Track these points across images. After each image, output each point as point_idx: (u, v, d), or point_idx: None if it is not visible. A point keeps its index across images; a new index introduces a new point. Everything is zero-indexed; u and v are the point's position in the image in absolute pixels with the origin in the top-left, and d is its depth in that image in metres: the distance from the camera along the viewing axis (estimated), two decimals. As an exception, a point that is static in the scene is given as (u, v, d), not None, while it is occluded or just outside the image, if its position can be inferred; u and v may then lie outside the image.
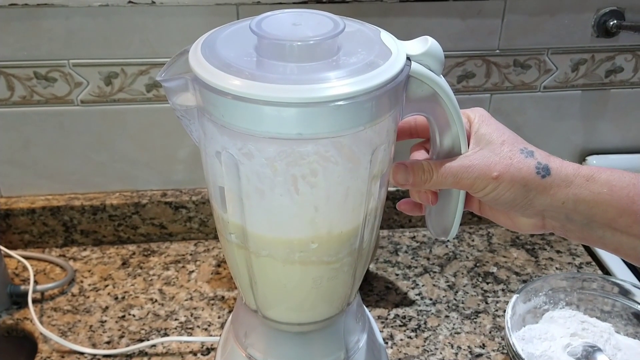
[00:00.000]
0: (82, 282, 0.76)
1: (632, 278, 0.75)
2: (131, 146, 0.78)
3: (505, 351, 0.67)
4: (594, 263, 0.80)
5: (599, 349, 0.62)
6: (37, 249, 0.81)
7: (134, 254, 0.81)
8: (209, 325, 0.70)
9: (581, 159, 0.85)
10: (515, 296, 0.63)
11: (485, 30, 0.75)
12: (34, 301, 0.72)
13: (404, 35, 0.40)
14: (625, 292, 0.67)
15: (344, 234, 0.41)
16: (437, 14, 0.73)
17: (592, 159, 0.84)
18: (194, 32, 0.72)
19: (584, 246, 0.83)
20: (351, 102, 0.35)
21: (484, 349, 0.68)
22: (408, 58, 0.39)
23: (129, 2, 0.69)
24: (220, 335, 0.68)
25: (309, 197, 0.38)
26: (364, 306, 0.53)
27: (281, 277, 0.42)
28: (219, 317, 0.71)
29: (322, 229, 0.40)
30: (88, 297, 0.74)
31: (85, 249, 0.82)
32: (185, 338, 0.67)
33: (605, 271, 0.78)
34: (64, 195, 0.81)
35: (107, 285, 0.76)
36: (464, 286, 0.76)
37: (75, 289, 0.75)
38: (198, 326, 0.70)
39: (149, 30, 0.71)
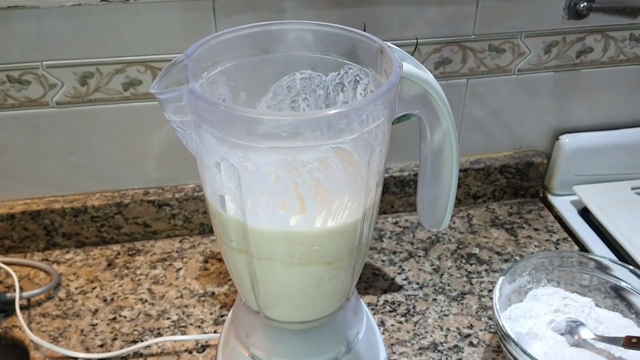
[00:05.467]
0: (68, 285, 0.76)
1: (607, 252, 0.78)
2: (110, 146, 0.77)
3: (492, 330, 0.69)
4: (570, 239, 0.83)
5: (582, 324, 0.65)
6: (18, 254, 0.80)
7: (118, 254, 0.81)
8: (201, 323, 0.70)
9: (554, 139, 0.87)
10: (501, 278, 0.65)
11: (460, 17, 0.76)
12: (21, 308, 0.71)
13: (382, 24, 0.41)
14: (602, 267, 0.69)
15: (345, 234, 0.41)
16: (413, 2, 0.73)
17: (565, 138, 0.86)
18: (170, 29, 0.72)
19: (560, 223, 0.86)
20: (349, 109, 0.35)
21: (471, 329, 0.70)
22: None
23: (102, 0, 0.67)
24: (214, 331, 0.69)
25: (310, 201, 0.38)
26: (360, 298, 0.54)
27: (283, 279, 0.43)
28: (211, 314, 0.72)
29: (323, 231, 0.40)
30: (76, 300, 0.74)
31: (68, 252, 0.81)
32: (179, 337, 0.68)
33: (581, 246, 0.81)
34: (43, 198, 0.79)
35: (94, 288, 0.75)
36: (449, 268, 0.78)
37: (62, 294, 0.75)
38: (191, 324, 0.70)
39: (123, 29, 0.70)
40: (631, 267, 0.68)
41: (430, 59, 0.78)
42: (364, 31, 0.65)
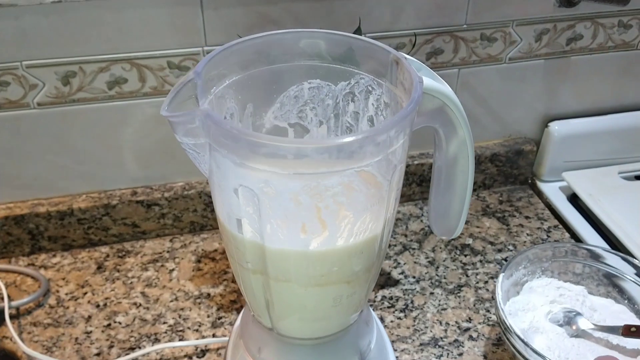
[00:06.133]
0: (58, 292, 0.73)
1: (598, 239, 0.79)
2: (95, 146, 0.75)
3: (490, 323, 0.70)
4: (560, 226, 0.84)
5: (579, 314, 0.66)
6: (3, 259, 0.77)
7: (107, 256, 0.79)
8: (199, 326, 0.69)
9: (543, 126, 0.88)
10: (501, 276, 0.65)
11: (452, 7, 0.75)
12: (10, 317, 0.69)
13: (374, 15, 0.39)
14: (594, 256, 0.70)
15: (364, 253, 0.40)
16: (406, -7, 0.72)
17: (554, 125, 0.86)
18: (156, 25, 0.69)
19: (550, 210, 0.86)
20: (375, 133, 0.34)
21: (470, 322, 0.70)
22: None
23: (85, -3, 0.64)
24: (212, 335, 0.68)
25: (332, 224, 0.37)
26: (369, 307, 0.53)
27: (301, 299, 0.42)
28: (208, 317, 0.70)
29: (344, 252, 0.39)
30: (67, 307, 0.72)
31: (54, 255, 0.78)
32: (179, 343, 0.66)
33: (572, 233, 0.82)
34: (26, 202, 0.76)
35: (85, 293, 0.73)
36: (444, 261, 0.78)
37: (52, 300, 0.72)
38: (188, 328, 0.69)
39: (107, 25, 0.67)
40: (622, 254, 0.69)
41: (422, 49, 0.77)
42: (359, 26, 0.64)
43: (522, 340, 0.58)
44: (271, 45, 0.44)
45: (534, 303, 0.68)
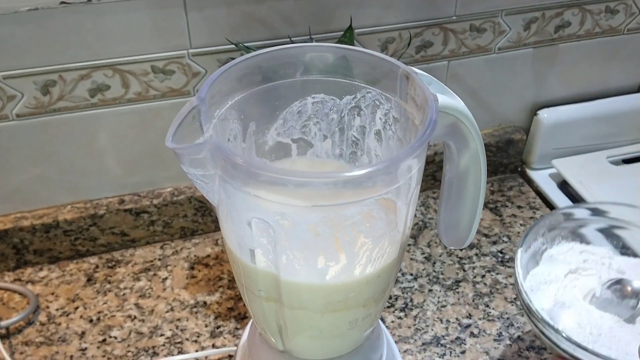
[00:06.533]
0: (48, 307, 0.71)
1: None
2: (79, 155, 0.72)
3: (490, 318, 0.70)
4: (553, 214, 0.84)
5: (627, 280, 0.59)
6: (-13, 276, 0.75)
7: (97, 267, 0.76)
8: (198, 337, 0.68)
9: (532, 114, 0.87)
10: (519, 251, 0.58)
11: (442, -1, 0.73)
12: (1, 337, 0.67)
13: (364, 9, 0.37)
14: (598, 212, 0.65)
15: (382, 277, 0.39)
16: (395, -13, 0.70)
17: (543, 113, 0.86)
18: (138, 29, 0.66)
19: (542, 198, 0.86)
20: (396, 161, 0.33)
21: (470, 318, 0.70)
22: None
23: (62, 2, 0.61)
24: (212, 345, 0.67)
25: (351, 253, 0.36)
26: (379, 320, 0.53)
27: (316, 325, 0.41)
28: (206, 326, 0.69)
29: (362, 279, 0.38)
30: (59, 324, 0.69)
31: (41, 269, 0.76)
32: (179, 357, 0.65)
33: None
34: (9, 215, 0.73)
35: (77, 308, 0.71)
36: (440, 256, 0.78)
37: (42, 317, 0.70)
38: (187, 339, 0.68)
39: (86, 31, 0.64)
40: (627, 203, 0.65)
41: (412, 43, 0.76)
42: (350, 25, 0.62)
43: (554, 329, 0.52)
44: (273, 61, 0.42)
45: (555, 273, 0.61)
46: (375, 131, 0.45)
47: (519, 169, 0.91)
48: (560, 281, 0.60)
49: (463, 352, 0.67)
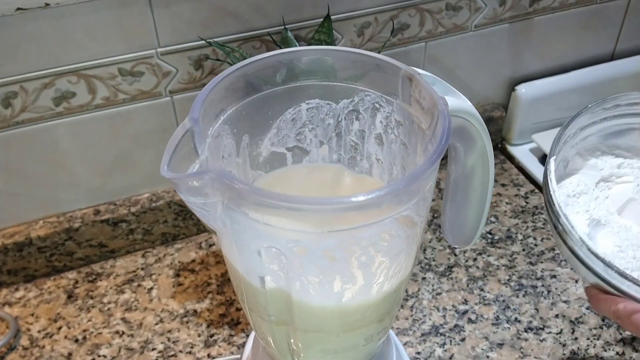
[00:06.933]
0: (29, 330, 0.68)
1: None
2: (48, 168, 0.68)
3: (486, 302, 0.70)
4: (537, 190, 0.84)
5: None
6: (-41, 302, 0.70)
7: (76, 282, 0.73)
8: (192, 347, 0.66)
9: (510, 90, 0.86)
10: (552, 161, 0.47)
11: (417, -21, 0.71)
12: (-18, 368, 0.63)
13: None
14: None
15: (397, 292, 0.38)
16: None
17: (521, 88, 0.85)
18: (102, 30, 0.61)
19: (524, 174, 0.86)
20: (416, 178, 0.30)
21: (467, 304, 0.69)
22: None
23: (18, 9, 0.56)
24: (207, 355, 0.64)
25: (368, 273, 0.34)
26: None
27: (332, 345, 0.39)
28: (199, 335, 0.67)
29: (379, 297, 0.36)
30: (43, 347, 0.66)
31: (17, 289, 0.72)
32: (176, 373, 0.63)
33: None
34: (-23, 237, 0.69)
35: (60, 328, 0.68)
36: (430, 242, 0.77)
37: (24, 341, 0.67)
38: (180, 351, 0.65)
39: (46, 38, 0.60)
40: None
41: (388, 26, 0.73)
42: (328, 13, 0.59)
43: (595, 255, 0.42)
44: (263, 70, 0.39)
45: (585, 183, 0.50)
46: (375, 135, 0.42)
47: (499, 146, 0.90)
48: (590, 192, 0.49)
49: (463, 340, 0.66)
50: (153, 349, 0.65)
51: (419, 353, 0.65)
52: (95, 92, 0.65)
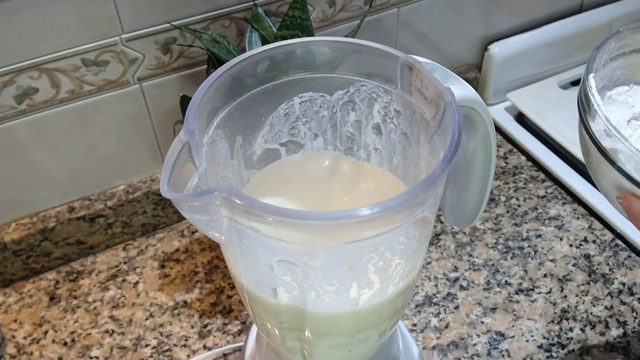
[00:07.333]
0: (14, 337, 0.65)
1: (554, 159, 0.80)
2: (16, 168, 0.64)
3: (476, 267, 0.70)
4: (515, 150, 0.84)
5: None
6: None
7: (57, 282, 0.70)
8: (186, 340, 0.65)
9: (483, 49, 0.85)
10: (591, 77, 0.43)
11: (387, -57, 0.68)
12: (-30, 383, 0.61)
13: None
14: None
15: (410, 288, 0.37)
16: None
17: (494, 47, 0.84)
18: (62, 21, 0.57)
19: (501, 134, 0.86)
20: (432, 182, 0.29)
21: (457, 271, 0.70)
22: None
23: (-33, 5, 0.52)
24: (203, 346, 0.64)
25: (384, 277, 0.33)
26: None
27: (346, 345, 0.38)
28: (192, 327, 0.66)
29: (394, 296, 0.35)
30: (31, 353, 0.64)
31: (-5, 295, 0.69)
32: (174, 369, 0.62)
33: (527, 155, 0.82)
34: (-53, 247, 0.66)
35: (46, 332, 0.66)
36: (414, 210, 0.77)
37: (11, 349, 0.64)
38: (175, 345, 0.64)
39: (2, 33, 0.55)
40: None
41: (359, -6, 0.71)
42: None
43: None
44: (253, 67, 0.36)
45: (616, 119, 0.44)
46: (373, 125, 0.41)
47: (475, 106, 0.90)
48: (622, 129, 0.44)
49: (457, 308, 0.67)
50: (146, 346, 0.64)
51: (415, 325, 0.65)
52: (59, 86, 0.61)
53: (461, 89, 0.34)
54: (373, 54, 0.36)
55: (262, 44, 0.60)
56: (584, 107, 0.43)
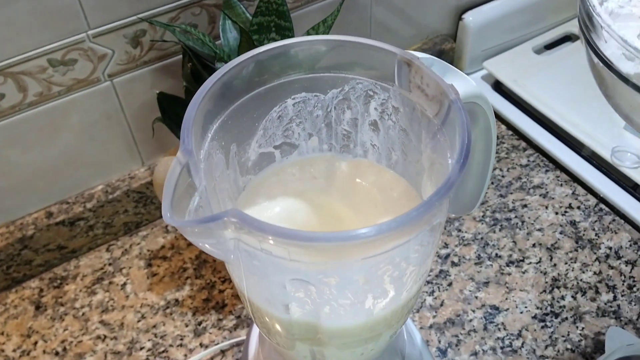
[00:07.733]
0: (3, 351, 0.63)
1: (534, 126, 0.81)
2: (-13, 179, 0.61)
3: (465, 242, 0.70)
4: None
5: None
6: None
7: (41, 290, 0.68)
8: (181, 339, 0.64)
9: (458, 19, 0.84)
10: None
11: None
12: (-39, 403, 0.59)
13: None
14: None
15: (421, 288, 0.36)
16: None
17: (469, 16, 0.83)
18: (23, 20, 0.54)
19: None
20: (446, 192, 0.28)
21: (448, 247, 0.70)
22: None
23: None
24: (199, 344, 0.63)
25: (399, 284, 0.32)
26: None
27: (359, 350, 0.37)
28: (186, 326, 0.64)
29: (407, 299, 0.35)
30: (22, 366, 0.62)
31: (-23, 309, 0.67)
32: (172, 371, 0.61)
33: (507, 124, 0.82)
34: None
35: (36, 343, 0.64)
36: (400, 188, 0.76)
37: (0, 364, 0.62)
38: (170, 345, 0.63)
39: (-40, 39, 0.52)
40: None
41: (332, -29, 0.68)
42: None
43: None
44: (242, 74, 0.35)
45: (626, 35, 0.39)
46: (370, 122, 0.39)
47: (451, 77, 0.89)
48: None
49: (450, 285, 0.67)
50: (141, 348, 0.63)
51: (410, 306, 0.65)
52: (26, 90, 0.58)
53: (462, 84, 0.33)
54: (369, 51, 0.35)
55: (237, 32, 0.58)
56: (588, 31, 0.38)
